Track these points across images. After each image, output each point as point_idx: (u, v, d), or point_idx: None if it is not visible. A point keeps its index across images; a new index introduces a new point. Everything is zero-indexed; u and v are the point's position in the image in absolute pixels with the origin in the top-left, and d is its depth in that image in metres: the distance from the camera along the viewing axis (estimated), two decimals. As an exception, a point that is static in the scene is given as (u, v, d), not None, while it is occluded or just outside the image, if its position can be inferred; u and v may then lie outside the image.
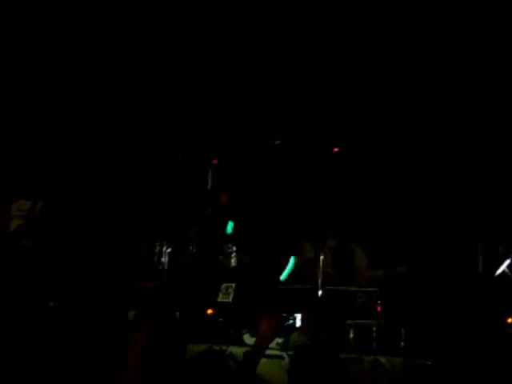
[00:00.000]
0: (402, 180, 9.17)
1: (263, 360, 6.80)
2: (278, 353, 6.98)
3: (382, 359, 6.61)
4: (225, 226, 8.31)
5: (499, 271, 8.01)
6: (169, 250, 8.50)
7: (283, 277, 8.14)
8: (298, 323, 7.28)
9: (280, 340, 7.05)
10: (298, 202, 8.66)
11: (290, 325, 7.26)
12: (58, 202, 8.19)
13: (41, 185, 8.29)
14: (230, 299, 7.45)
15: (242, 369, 6.64)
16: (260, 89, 9.53)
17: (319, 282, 7.68)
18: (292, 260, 8.21)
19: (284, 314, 7.24)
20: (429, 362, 6.36)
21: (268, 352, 6.87)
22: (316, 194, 8.56)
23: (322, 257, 7.84)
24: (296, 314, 7.29)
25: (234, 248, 8.39)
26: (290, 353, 6.90)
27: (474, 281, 7.88)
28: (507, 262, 8.01)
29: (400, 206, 9.02)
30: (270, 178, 8.74)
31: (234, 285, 7.50)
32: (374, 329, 7.22)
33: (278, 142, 8.56)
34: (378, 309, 7.61)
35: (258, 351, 6.63)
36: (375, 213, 9.09)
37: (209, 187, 8.78)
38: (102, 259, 8.35)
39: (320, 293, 7.60)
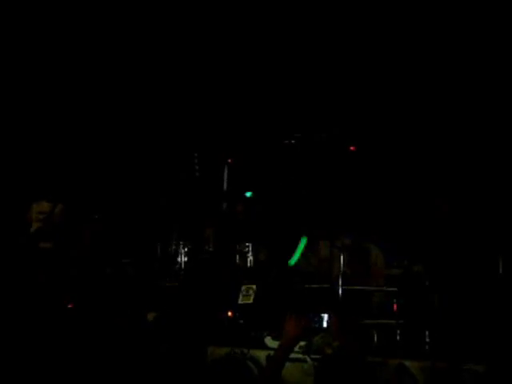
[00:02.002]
0: (420, 178, 9.13)
1: (285, 364, 6.74)
2: (300, 356, 6.90)
3: (407, 363, 6.54)
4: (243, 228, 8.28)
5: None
6: (185, 250, 8.45)
7: (293, 260, 8.09)
8: (325, 324, 7.19)
9: (302, 343, 6.97)
10: (313, 200, 8.64)
11: (314, 326, 7.17)
12: (77, 204, 8.16)
13: (60, 188, 8.26)
14: (251, 301, 7.39)
15: (266, 372, 6.58)
16: (273, 88, 9.48)
17: (339, 281, 7.63)
18: (302, 241, 8.15)
19: (310, 315, 7.16)
20: (467, 367, 6.27)
21: (290, 355, 6.80)
22: (331, 192, 8.53)
23: (341, 256, 7.80)
24: (322, 315, 7.20)
25: (250, 247, 8.35)
26: (313, 356, 6.82)
27: (494, 281, 7.82)
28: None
29: (417, 204, 8.98)
30: (286, 177, 8.71)
31: (254, 286, 7.45)
32: (398, 331, 7.15)
33: (293, 142, 8.53)
34: (394, 308, 7.55)
35: (283, 353, 6.56)
36: (392, 211, 9.06)
37: (224, 186, 8.73)
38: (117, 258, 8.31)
39: (340, 292, 7.55)
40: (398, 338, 7.12)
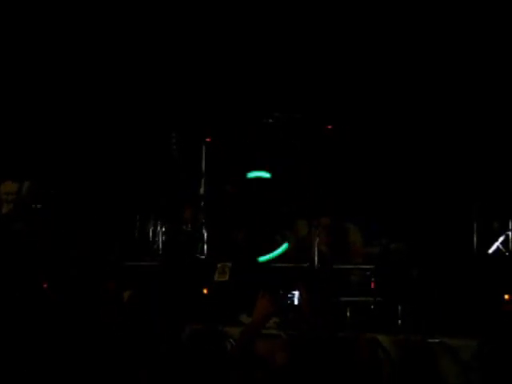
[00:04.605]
0: (397, 157, 9.17)
1: (260, 340, 6.78)
2: (275, 332, 6.94)
3: (380, 337, 6.59)
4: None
5: (493, 248, 8.05)
6: (163, 230, 8.48)
7: (265, 257, 8.14)
8: (296, 301, 7.25)
9: (277, 319, 7.02)
10: (291, 179, 8.67)
11: (287, 303, 7.23)
12: (46, 182, 8.14)
13: (27, 166, 8.24)
14: (227, 278, 7.44)
15: (236, 347, 6.62)
16: (251, 68, 9.48)
17: (315, 260, 7.69)
18: (284, 247, 8.21)
19: (281, 292, 7.22)
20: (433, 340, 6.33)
21: (265, 331, 6.84)
22: (309, 171, 8.56)
23: (316, 235, 7.85)
24: (294, 292, 7.26)
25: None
26: (288, 332, 6.87)
27: (469, 257, 7.89)
28: (501, 238, 8.05)
29: (395, 183, 9.03)
30: (263, 157, 8.74)
31: (230, 264, 7.49)
32: (372, 307, 7.21)
33: (270, 121, 8.56)
34: (372, 285, 7.60)
35: (253, 330, 6.60)
36: (370, 190, 9.10)
37: (203, 166, 8.76)
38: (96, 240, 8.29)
39: (316, 271, 7.60)
40: (371, 313, 7.18)
